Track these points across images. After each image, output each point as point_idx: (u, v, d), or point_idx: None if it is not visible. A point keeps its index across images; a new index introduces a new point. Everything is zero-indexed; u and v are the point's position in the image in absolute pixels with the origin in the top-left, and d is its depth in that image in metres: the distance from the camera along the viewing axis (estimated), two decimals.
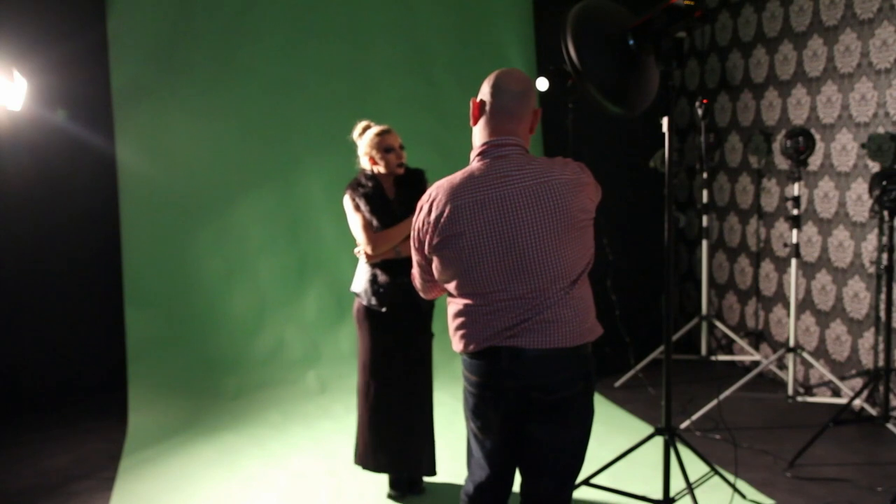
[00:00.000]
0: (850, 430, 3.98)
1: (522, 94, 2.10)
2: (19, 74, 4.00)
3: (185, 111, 4.86)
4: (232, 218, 4.97)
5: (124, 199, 4.77)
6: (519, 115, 2.09)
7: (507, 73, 2.12)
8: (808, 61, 4.53)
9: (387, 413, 3.26)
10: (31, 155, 4.60)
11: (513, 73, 2.13)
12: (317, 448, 4.00)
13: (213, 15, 4.87)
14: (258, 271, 5.04)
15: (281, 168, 5.06)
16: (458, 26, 5.35)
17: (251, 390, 4.74)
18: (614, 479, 3.34)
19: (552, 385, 2.02)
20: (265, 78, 4.97)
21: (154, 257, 4.81)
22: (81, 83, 4.68)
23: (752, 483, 3.43)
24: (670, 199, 2.83)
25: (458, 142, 5.17)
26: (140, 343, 4.72)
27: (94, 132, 4.73)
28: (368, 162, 3.28)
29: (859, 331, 4.27)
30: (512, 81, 2.10)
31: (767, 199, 4.96)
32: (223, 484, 3.60)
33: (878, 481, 3.41)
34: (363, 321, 3.28)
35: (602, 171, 5.38)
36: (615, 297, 5.14)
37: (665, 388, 2.90)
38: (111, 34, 4.69)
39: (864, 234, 4.20)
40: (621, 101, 2.64)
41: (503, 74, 2.12)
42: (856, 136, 4.22)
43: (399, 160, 3.25)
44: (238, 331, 4.95)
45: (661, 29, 2.51)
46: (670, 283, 2.86)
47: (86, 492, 3.55)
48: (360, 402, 3.36)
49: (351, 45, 5.11)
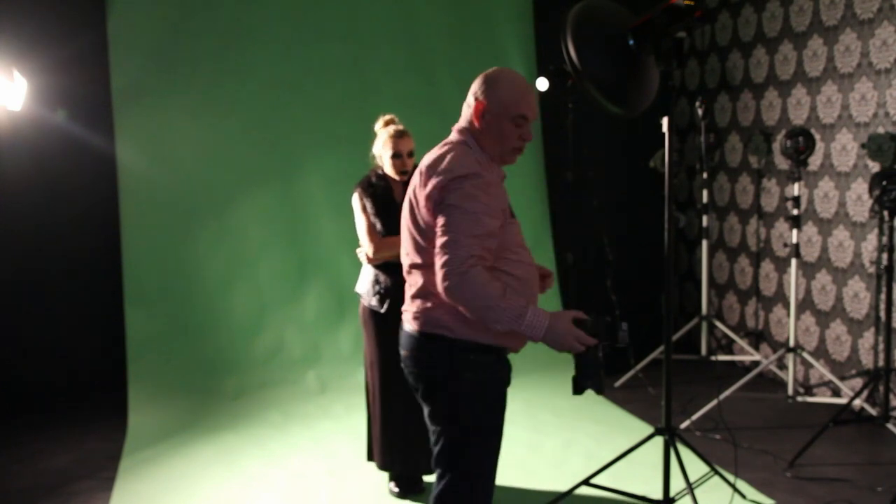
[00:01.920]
0: (850, 430, 3.98)
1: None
2: (19, 74, 4.00)
3: (185, 111, 4.86)
4: (232, 218, 4.97)
5: (124, 199, 4.77)
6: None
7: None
8: (808, 61, 4.53)
9: (394, 411, 3.27)
10: (31, 155, 4.60)
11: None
12: (317, 448, 4.00)
13: (213, 15, 4.87)
14: (258, 271, 5.04)
15: (281, 168, 5.06)
16: (458, 26, 5.35)
17: (251, 390, 4.74)
18: (614, 479, 3.34)
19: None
20: (265, 78, 4.97)
21: (154, 257, 4.81)
22: (81, 83, 4.68)
23: (752, 483, 3.43)
24: (670, 199, 2.83)
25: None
26: (140, 343, 4.72)
27: (94, 132, 4.73)
28: (378, 159, 3.28)
29: (859, 331, 4.27)
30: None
31: (767, 199, 4.96)
32: (223, 484, 3.59)
33: (878, 481, 3.41)
34: (368, 321, 3.29)
35: (602, 172, 5.44)
36: (615, 297, 5.14)
37: (665, 388, 2.90)
38: (111, 34, 4.69)
39: (864, 234, 4.20)
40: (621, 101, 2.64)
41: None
42: (856, 136, 4.22)
43: (403, 167, 3.22)
44: (238, 331, 4.94)
45: (661, 29, 2.51)
46: (670, 283, 2.86)
47: (86, 492, 3.55)
48: (368, 400, 3.38)
49: (351, 45, 5.11)
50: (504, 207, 2.08)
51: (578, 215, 5.37)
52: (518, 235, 2.16)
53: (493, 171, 2.11)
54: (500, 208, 2.05)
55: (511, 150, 2.12)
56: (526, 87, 2.11)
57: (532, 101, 2.10)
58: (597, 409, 4.50)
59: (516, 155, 2.14)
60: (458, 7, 5.36)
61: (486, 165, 2.09)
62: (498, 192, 2.08)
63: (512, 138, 2.09)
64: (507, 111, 2.07)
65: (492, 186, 2.04)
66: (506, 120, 2.07)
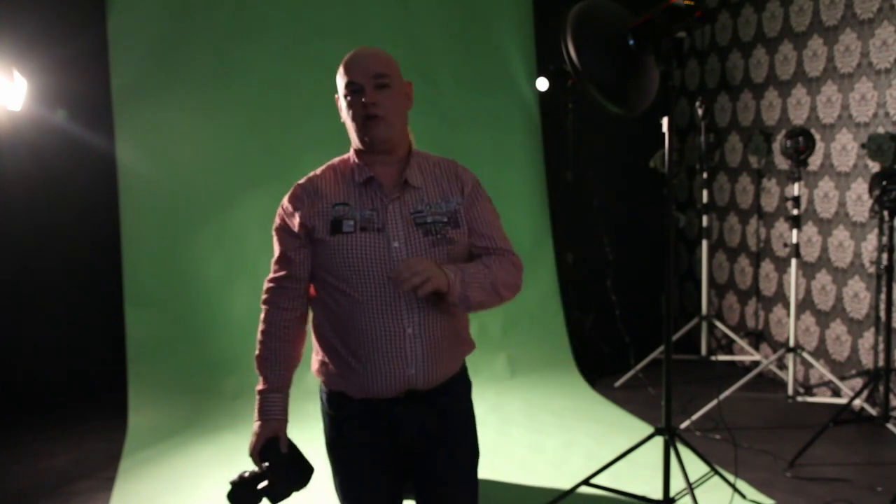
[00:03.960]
0: (850, 430, 3.98)
1: None
2: (19, 74, 4.00)
3: (185, 111, 4.85)
4: (232, 218, 4.97)
5: (124, 199, 4.76)
6: None
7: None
8: (808, 61, 4.53)
9: None
10: (31, 155, 4.60)
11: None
12: (317, 448, 3.99)
13: (213, 15, 4.87)
14: (258, 271, 5.00)
15: (281, 168, 5.05)
16: (458, 26, 5.35)
17: (251, 390, 4.66)
18: (614, 479, 3.34)
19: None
20: (265, 78, 4.97)
21: (154, 257, 4.81)
22: (81, 83, 4.68)
23: (752, 483, 3.43)
24: (670, 199, 2.83)
25: (458, 142, 5.17)
26: (140, 343, 4.71)
27: (94, 132, 4.73)
28: None
29: (859, 331, 4.27)
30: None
31: (767, 199, 4.96)
32: (223, 484, 3.58)
33: (878, 481, 3.41)
34: None
35: (602, 171, 5.44)
36: (615, 297, 5.14)
37: (665, 388, 2.90)
38: (111, 34, 4.68)
39: (864, 234, 4.20)
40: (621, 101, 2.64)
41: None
42: (856, 136, 4.22)
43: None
44: (238, 331, 4.94)
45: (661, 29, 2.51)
46: (670, 283, 2.86)
47: (86, 492, 3.55)
48: None
49: (351, 45, 5.02)
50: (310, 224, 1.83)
51: (578, 215, 5.37)
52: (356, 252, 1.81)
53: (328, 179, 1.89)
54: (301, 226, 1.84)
55: (359, 123, 1.84)
56: (348, 57, 1.93)
57: (353, 63, 1.90)
58: (597, 409, 4.50)
59: (368, 125, 1.83)
60: (457, 7, 5.35)
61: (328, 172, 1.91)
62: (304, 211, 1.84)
63: (350, 111, 1.86)
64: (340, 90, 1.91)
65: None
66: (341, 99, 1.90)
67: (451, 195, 1.89)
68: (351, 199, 1.84)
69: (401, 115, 1.88)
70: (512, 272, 1.90)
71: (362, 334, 1.80)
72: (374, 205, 1.83)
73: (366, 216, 1.81)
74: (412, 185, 1.86)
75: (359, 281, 1.79)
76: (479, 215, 1.91)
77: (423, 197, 1.85)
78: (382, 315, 1.79)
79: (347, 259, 1.79)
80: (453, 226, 1.85)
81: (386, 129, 1.83)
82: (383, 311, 1.79)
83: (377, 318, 1.79)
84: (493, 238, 1.91)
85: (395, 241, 1.79)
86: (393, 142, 1.86)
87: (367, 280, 1.78)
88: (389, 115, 1.83)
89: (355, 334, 1.81)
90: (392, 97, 1.85)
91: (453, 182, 1.91)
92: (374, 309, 1.79)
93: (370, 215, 1.81)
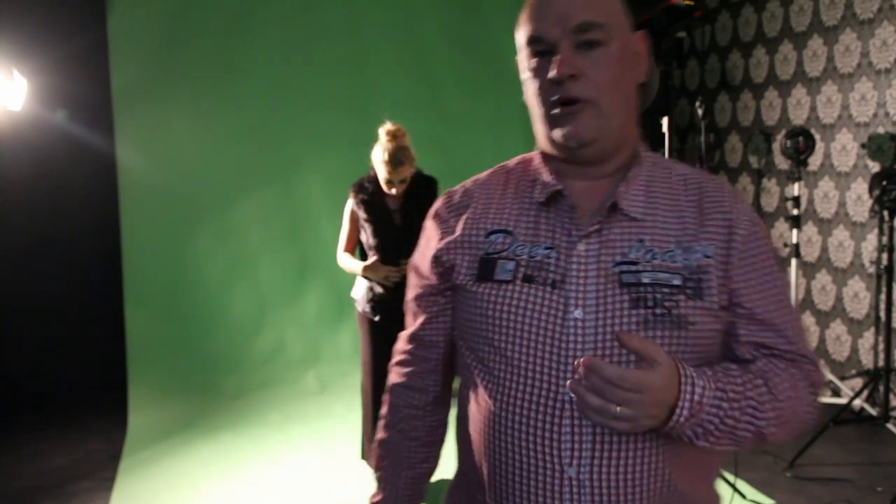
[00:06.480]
0: (850, 430, 3.98)
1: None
2: (19, 74, 4.00)
3: (185, 111, 4.86)
4: (232, 218, 4.97)
5: (124, 199, 4.76)
6: None
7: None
8: (808, 61, 4.53)
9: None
10: (31, 155, 4.60)
11: None
12: (317, 448, 4.00)
13: (213, 15, 4.87)
14: (258, 271, 5.04)
15: (281, 168, 5.06)
16: (458, 26, 5.35)
17: (251, 390, 4.74)
18: None
19: None
20: (265, 78, 4.97)
21: (154, 257, 4.81)
22: (81, 83, 4.68)
23: (752, 483, 3.43)
24: None
25: (458, 142, 5.18)
26: (140, 343, 4.71)
27: (94, 132, 4.73)
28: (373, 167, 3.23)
29: (859, 331, 4.27)
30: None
31: (767, 199, 4.96)
32: (223, 484, 3.59)
33: (878, 481, 3.41)
34: (363, 324, 3.31)
35: None
36: None
37: None
38: (111, 34, 4.68)
39: (864, 234, 4.20)
40: None
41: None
42: (856, 136, 4.22)
43: (391, 189, 3.11)
44: (238, 331, 4.94)
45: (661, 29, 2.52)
46: None
47: (86, 492, 3.55)
48: (363, 400, 3.39)
49: (351, 45, 5.11)
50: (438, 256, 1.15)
51: None
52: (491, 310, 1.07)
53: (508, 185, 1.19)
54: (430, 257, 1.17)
55: (546, 111, 1.10)
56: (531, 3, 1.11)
57: (541, 3, 1.09)
58: None
59: (562, 114, 1.06)
60: (458, 7, 5.36)
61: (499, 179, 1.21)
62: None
63: (532, 87, 1.12)
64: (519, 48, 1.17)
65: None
66: (522, 63, 1.17)
67: (700, 240, 1.06)
68: (519, 227, 1.11)
69: (624, 95, 1.10)
70: (808, 400, 1.10)
71: (493, 458, 1.07)
72: (554, 240, 1.08)
73: (536, 257, 1.07)
74: (626, 214, 1.07)
75: (501, 367, 1.06)
76: (759, 286, 1.07)
77: (643, 237, 1.06)
78: (529, 434, 1.03)
79: (489, 325, 1.07)
80: (692, 295, 1.02)
81: (594, 123, 1.06)
82: (533, 426, 1.03)
83: (519, 437, 1.04)
84: (784, 332, 1.08)
85: (577, 309, 1.02)
86: (606, 144, 1.09)
87: (512, 368, 1.04)
88: (603, 96, 1.05)
89: (486, 454, 1.09)
90: (608, 64, 1.06)
91: (708, 217, 1.08)
92: (516, 421, 1.04)
93: (544, 256, 1.07)
